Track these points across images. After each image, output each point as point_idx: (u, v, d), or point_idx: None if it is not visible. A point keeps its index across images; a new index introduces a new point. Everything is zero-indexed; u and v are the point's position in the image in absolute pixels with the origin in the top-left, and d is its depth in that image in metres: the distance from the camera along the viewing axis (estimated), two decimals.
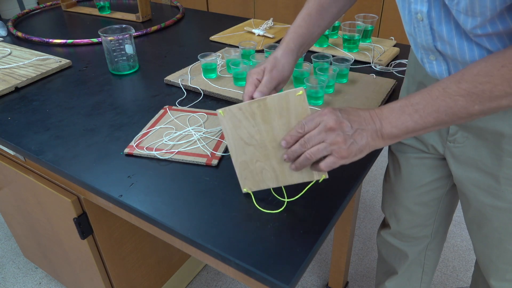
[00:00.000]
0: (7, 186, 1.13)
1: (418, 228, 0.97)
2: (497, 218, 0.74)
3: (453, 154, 0.76)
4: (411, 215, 0.95)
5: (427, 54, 0.67)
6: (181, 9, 1.68)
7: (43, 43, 1.39)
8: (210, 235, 0.63)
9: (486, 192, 0.72)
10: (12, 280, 1.54)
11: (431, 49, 0.64)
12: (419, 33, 0.64)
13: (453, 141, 0.74)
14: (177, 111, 0.95)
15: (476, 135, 0.69)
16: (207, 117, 0.92)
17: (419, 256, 1.04)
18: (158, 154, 0.80)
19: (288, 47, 0.74)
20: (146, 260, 1.20)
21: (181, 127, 0.88)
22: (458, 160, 0.75)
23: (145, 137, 0.86)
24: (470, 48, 0.59)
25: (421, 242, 1.01)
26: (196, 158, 0.78)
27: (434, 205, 0.92)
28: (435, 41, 0.62)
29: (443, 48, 0.62)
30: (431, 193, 0.89)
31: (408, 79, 0.83)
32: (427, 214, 0.94)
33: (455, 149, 0.75)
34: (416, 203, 0.92)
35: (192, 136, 0.85)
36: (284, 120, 0.61)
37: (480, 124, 0.67)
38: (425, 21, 0.61)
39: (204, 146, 0.82)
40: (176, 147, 0.82)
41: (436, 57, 0.65)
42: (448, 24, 0.58)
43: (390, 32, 2.31)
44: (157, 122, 0.91)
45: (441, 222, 0.97)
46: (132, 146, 0.83)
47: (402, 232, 1.00)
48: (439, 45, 0.62)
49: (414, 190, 0.90)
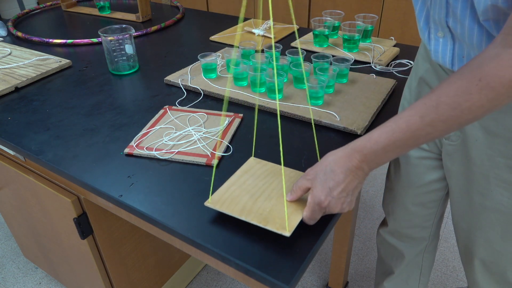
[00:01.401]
0: (7, 186, 1.13)
1: (416, 228, 0.97)
2: (484, 218, 0.74)
3: (448, 152, 0.76)
4: (408, 215, 0.95)
5: (436, 29, 0.65)
6: (181, 9, 1.68)
7: (43, 43, 1.39)
8: (210, 235, 0.63)
9: (476, 191, 0.73)
10: (12, 280, 1.54)
11: (441, 24, 0.63)
12: (434, 4, 0.62)
13: (448, 138, 0.74)
14: (177, 111, 0.95)
15: (469, 135, 0.69)
16: (207, 117, 0.92)
17: (417, 258, 1.05)
18: (158, 154, 0.80)
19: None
20: (146, 260, 1.20)
21: (181, 127, 0.88)
22: (452, 157, 0.76)
23: (145, 137, 0.86)
24: (479, 32, 0.57)
25: (419, 243, 1.01)
26: (196, 158, 0.78)
27: (432, 207, 0.92)
28: (448, 16, 0.61)
29: (453, 26, 0.61)
30: (430, 194, 0.89)
31: (411, 75, 0.83)
32: (425, 215, 0.94)
33: (450, 147, 0.75)
34: (414, 203, 0.92)
35: (192, 136, 0.85)
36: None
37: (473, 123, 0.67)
38: None
39: (204, 146, 0.82)
40: (176, 147, 0.82)
41: (444, 33, 0.64)
42: (464, 2, 0.57)
43: (390, 32, 2.31)
44: (157, 122, 0.90)
45: (438, 225, 0.98)
46: (132, 146, 0.83)
47: (400, 231, 1.00)
48: (451, 21, 0.61)
49: (412, 189, 0.90)
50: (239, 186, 0.69)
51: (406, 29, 2.26)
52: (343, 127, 0.85)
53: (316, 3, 2.50)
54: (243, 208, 0.64)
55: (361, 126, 0.85)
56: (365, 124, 0.86)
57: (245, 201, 0.65)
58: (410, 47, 1.25)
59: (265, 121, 0.91)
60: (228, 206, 0.65)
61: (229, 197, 0.66)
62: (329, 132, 0.86)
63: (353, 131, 0.84)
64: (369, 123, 0.87)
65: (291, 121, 0.90)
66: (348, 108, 0.92)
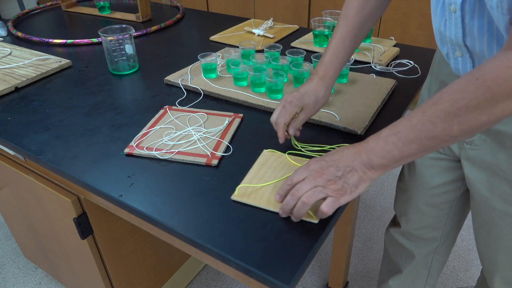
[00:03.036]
0: (7, 186, 1.13)
1: (428, 229, 0.97)
2: (507, 224, 0.73)
3: (469, 157, 0.75)
4: (421, 216, 0.94)
5: (453, 49, 0.66)
6: (181, 9, 1.68)
7: (43, 43, 1.39)
8: (210, 235, 0.63)
9: (499, 198, 0.71)
10: (12, 280, 1.54)
11: (459, 44, 0.63)
12: (449, 26, 0.62)
13: (471, 143, 0.73)
14: (177, 111, 0.95)
15: (495, 139, 0.68)
16: (207, 117, 0.92)
17: (426, 258, 1.04)
18: (158, 154, 0.80)
19: (327, 76, 0.76)
20: (146, 260, 1.20)
21: (181, 127, 0.88)
22: (473, 162, 0.74)
23: (145, 137, 0.86)
24: (499, 47, 0.58)
25: (430, 244, 1.00)
26: (196, 158, 0.78)
27: (445, 208, 0.91)
28: (465, 36, 0.61)
29: (471, 45, 0.61)
30: (444, 195, 0.89)
31: (431, 78, 0.83)
32: (438, 216, 0.93)
33: (472, 152, 0.74)
34: (428, 204, 0.91)
35: (192, 136, 0.85)
36: None
37: (499, 127, 0.66)
38: (458, 13, 0.60)
39: (204, 146, 0.82)
40: (176, 147, 0.82)
41: (462, 53, 0.64)
42: (481, 19, 0.57)
43: (390, 32, 2.31)
44: (157, 122, 0.90)
45: (452, 226, 0.96)
46: (132, 146, 0.83)
47: (411, 232, 1.00)
48: (469, 40, 0.61)
49: (426, 190, 0.89)
50: (260, 178, 0.72)
51: (406, 29, 2.26)
52: (343, 127, 0.85)
53: (316, 3, 2.50)
54: (269, 199, 0.67)
55: (361, 126, 0.85)
56: (365, 124, 0.86)
57: (269, 192, 0.69)
58: (410, 47, 1.25)
59: (265, 121, 0.91)
60: (255, 198, 0.68)
61: (253, 190, 0.69)
62: (329, 132, 0.86)
63: (353, 131, 0.84)
64: (369, 123, 0.87)
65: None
66: (348, 108, 0.92)
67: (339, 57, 0.76)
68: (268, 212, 0.66)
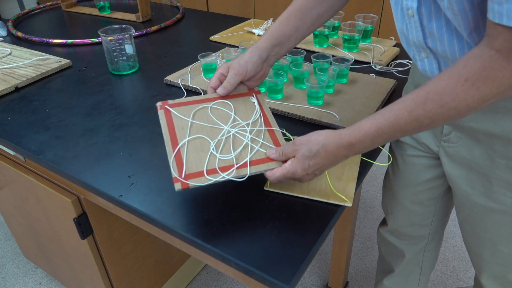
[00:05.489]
0: (7, 186, 1.13)
1: (415, 227, 0.97)
2: (489, 219, 0.74)
3: (447, 154, 0.76)
4: (407, 213, 0.95)
5: (418, 51, 0.67)
6: (181, 9, 1.68)
7: (43, 43, 1.39)
8: (210, 235, 0.63)
9: (479, 193, 0.73)
10: (12, 280, 1.54)
11: (422, 46, 0.65)
12: (410, 29, 0.64)
13: (447, 140, 0.75)
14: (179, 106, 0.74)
15: (469, 136, 0.69)
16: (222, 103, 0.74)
17: (417, 257, 1.05)
18: (226, 175, 0.62)
19: (256, 46, 0.77)
20: (146, 260, 1.20)
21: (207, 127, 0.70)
22: (452, 159, 0.75)
23: (183, 159, 0.64)
24: (460, 46, 0.59)
25: (419, 242, 1.01)
26: (269, 164, 0.64)
27: (431, 205, 0.92)
28: (426, 38, 0.63)
29: (433, 45, 0.63)
30: (427, 192, 0.90)
31: (409, 79, 0.84)
32: (424, 213, 0.94)
33: (449, 149, 0.75)
34: (413, 201, 0.92)
35: (235, 136, 0.69)
36: None
37: (472, 125, 0.67)
38: (416, 17, 0.61)
39: (262, 145, 0.67)
40: (238, 157, 0.65)
41: (427, 54, 0.66)
42: (438, 21, 0.59)
43: (390, 32, 2.31)
44: (173, 132, 0.69)
45: (438, 223, 0.98)
46: (177, 178, 0.61)
47: (399, 230, 1.01)
48: (430, 42, 0.63)
49: (410, 188, 0.90)
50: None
51: None
52: (343, 127, 0.85)
53: None
54: (301, 187, 0.70)
55: None
56: None
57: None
58: None
59: None
60: (287, 187, 0.70)
61: None
62: None
63: None
64: None
65: (292, 121, 0.90)
66: (348, 108, 0.92)
67: (280, 32, 0.78)
68: (268, 212, 0.66)
